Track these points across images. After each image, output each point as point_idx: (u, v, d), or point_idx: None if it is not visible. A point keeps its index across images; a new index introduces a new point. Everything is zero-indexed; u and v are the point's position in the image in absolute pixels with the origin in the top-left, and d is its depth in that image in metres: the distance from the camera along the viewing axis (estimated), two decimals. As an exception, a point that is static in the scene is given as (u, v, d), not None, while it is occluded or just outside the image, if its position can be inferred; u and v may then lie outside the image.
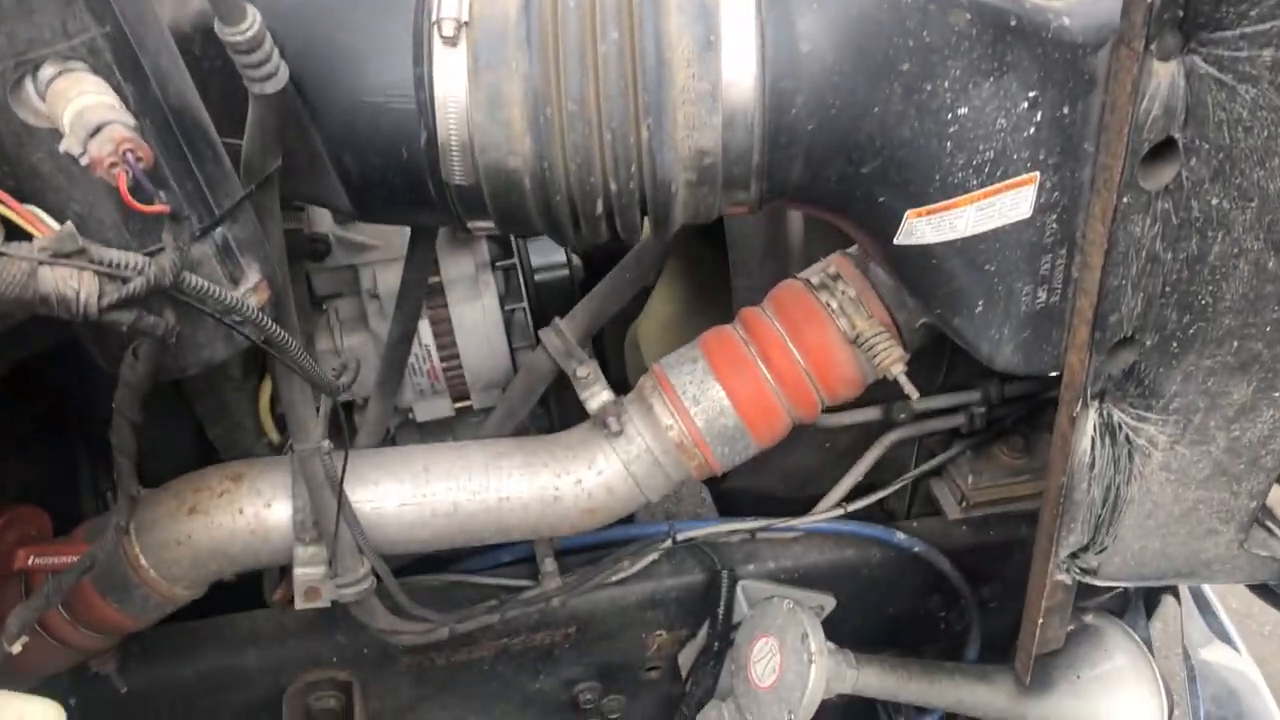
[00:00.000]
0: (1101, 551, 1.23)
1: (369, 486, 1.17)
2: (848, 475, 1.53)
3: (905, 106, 0.82)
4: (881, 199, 0.88)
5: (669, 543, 1.49)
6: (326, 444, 1.04)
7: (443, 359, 1.31)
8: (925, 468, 1.57)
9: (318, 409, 1.03)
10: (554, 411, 1.51)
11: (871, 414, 1.51)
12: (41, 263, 0.62)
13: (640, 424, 1.22)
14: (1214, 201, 0.91)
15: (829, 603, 1.60)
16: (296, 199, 0.96)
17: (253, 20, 0.70)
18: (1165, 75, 0.84)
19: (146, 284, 0.67)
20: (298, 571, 1.12)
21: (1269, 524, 1.28)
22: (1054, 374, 1.10)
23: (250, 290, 0.80)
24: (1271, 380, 1.05)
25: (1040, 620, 1.27)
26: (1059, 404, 1.11)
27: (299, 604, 1.13)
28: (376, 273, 1.28)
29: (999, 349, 1.06)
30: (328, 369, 1.30)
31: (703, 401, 1.21)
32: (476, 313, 1.30)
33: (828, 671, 1.32)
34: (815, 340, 1.20)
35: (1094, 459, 1.13)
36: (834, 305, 1.20)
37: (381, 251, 1.29)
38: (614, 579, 1.47)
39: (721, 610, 1.51)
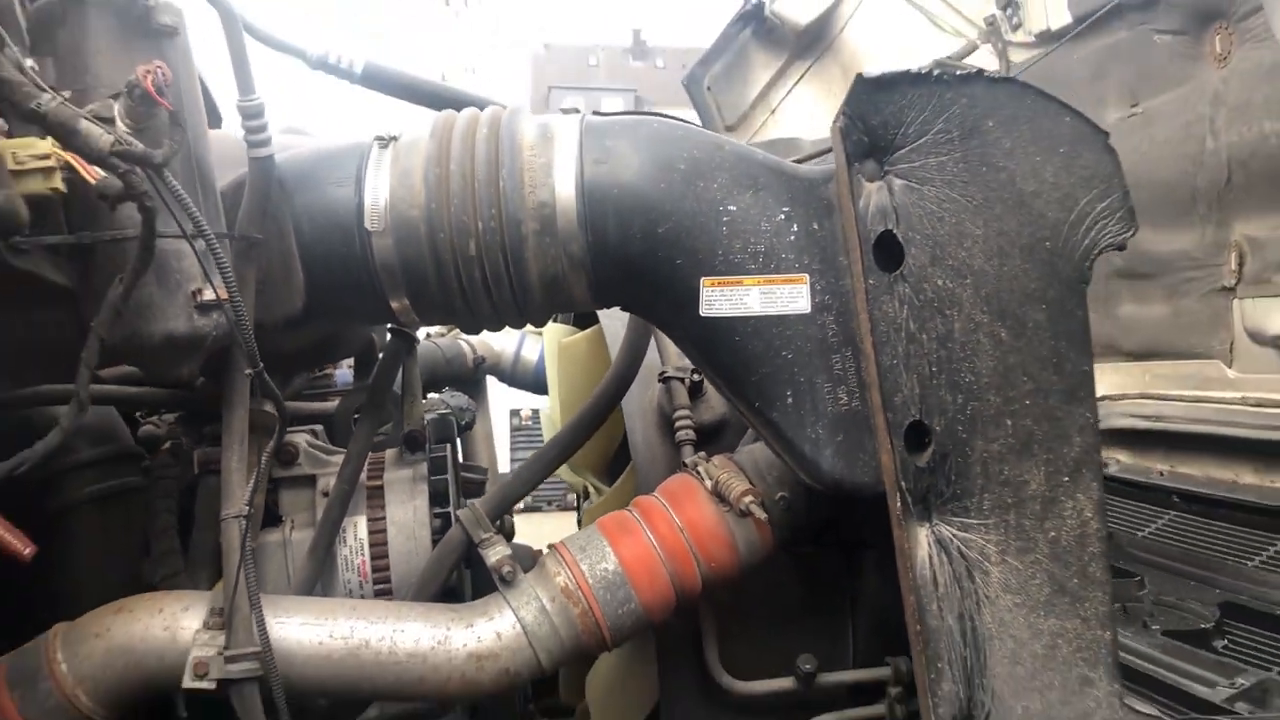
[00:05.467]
0: (987, 718, 1.24)
1: (279, 607, 1.29)
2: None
3: (686, 189, 1.19)
4: (679, 261, 1.20)
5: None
6: (247, 508, 1.22)
7: (374, 556, 1.48)
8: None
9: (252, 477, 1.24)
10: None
11: (785, 684, 1.56)
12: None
13: (533, 577, 1.36)
14: (940, 282, 1.21)
15: None
16: (270, 317, 1.29)
17: (258, 96, 1.14)
18: (874, 189, 1.21)
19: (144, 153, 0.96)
20: (194, 654, 1.20)
21: None
22: (878, 489, 1.27)
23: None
24: (1056, 464, 1.22)
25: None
26: (891, 519, 1.26)
27: (186, 682, 1.18)
28: (333, 481, 1.52)
29: (820, 451, 1.25)
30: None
31: (588, 551, 1.36)
32: (409, 512, 1.50)
33: None
34: (685, 499, 1.40)
35: (934, 573, 1.24)
36: (701, 470, 1.41)
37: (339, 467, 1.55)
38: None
39: None
